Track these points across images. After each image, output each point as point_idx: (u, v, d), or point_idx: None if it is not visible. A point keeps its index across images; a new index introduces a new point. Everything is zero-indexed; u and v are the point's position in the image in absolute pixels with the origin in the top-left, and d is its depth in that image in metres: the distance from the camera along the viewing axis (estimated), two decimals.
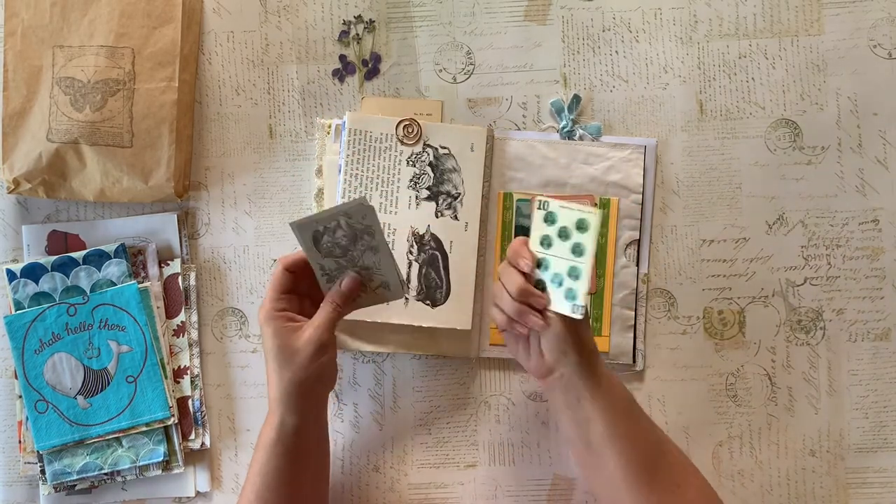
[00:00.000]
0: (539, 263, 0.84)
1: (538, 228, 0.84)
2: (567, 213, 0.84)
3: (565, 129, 0.97)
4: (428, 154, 0.95)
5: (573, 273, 0.83)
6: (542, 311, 0.84)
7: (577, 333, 0.84)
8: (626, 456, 0.83)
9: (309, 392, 0.85)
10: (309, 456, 0.87)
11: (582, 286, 0.82)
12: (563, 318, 0.82)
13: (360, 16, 0.98)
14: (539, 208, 0.84)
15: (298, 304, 0.87)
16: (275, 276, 0.86)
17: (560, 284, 0.83)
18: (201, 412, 0.96)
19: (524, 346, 0.87)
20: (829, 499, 0.96)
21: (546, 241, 0.84)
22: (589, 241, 0.83)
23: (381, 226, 0.85)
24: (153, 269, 0.97)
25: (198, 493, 0.97)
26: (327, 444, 0.90)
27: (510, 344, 0.89)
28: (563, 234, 0.84)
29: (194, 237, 0.98)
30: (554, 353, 0.84)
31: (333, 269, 0.85)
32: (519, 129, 0.98)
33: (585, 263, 0.82)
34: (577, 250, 0.83)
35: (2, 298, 0.96)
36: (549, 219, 0.84)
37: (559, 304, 0.83)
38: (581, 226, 0.83)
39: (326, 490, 0.90)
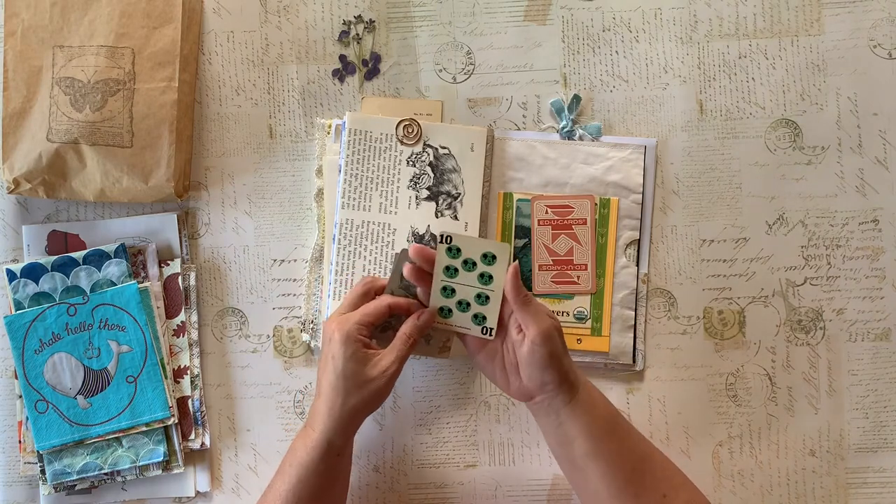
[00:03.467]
0: (444, 290, 0.86)
1: (441, 260, 0.86)
2: (472, 246, 0.86)
3: (565, 129, 0.97)
4: (428, 154, 0.95)
5: (480, 299, 0.86)
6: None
7: (557, 359, 0.83)
8: (609, 473, 0.83)
9: (360, 419, 0.86)
10: (343, 477, 0.88)
11: (491, 310, 0.86)
12: (541, 344, 0.83)
13: (360, 16, 0.98)
14: (441, 242, 0.86)
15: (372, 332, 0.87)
16: (377, 306, 0.86)
17: (466, 310, 0.86)
18: (201, 412, 0.96)
19: (501, 374, 0.87)
20: (829, 499, 0.96)
21: (451, 272, 0.86)
22: (497, 270, 0.85)
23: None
24: (153, 269, 0.97)
25: (198, 493, 0.97)
26: (351, 460, 0.90)
27: (488, 373, 0.88)
28: (469, 264, 0.86)
29: (194, 237, 0.98)
30: (533, 381, 0.84)
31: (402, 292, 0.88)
32: (519, 129, 0.98)
33: (494, 291, 0.86)
34: (485, 279, 0.86)
35: (2, 298, 0.96)
36: (453, 251, 0.86)
37: (467, 327, 0.87)
38: (488, 257, 0.86)
39: (345, 500, 0.90)
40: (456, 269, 0.86)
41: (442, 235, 0.86)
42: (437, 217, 0.95)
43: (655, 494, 0.84)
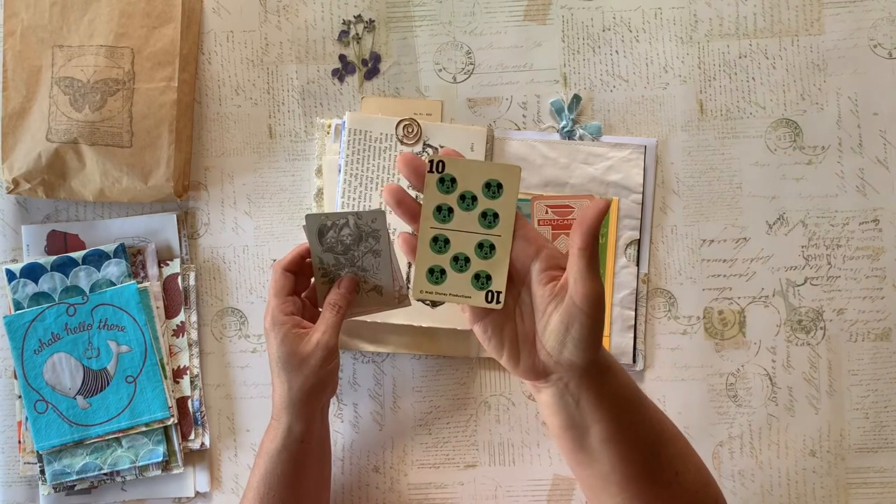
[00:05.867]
0: (435, 242, 0.67)
1: (431, 197, 0.66)
2: (471, 172, 0.65)
3: (565, 129, 0.97)
4: (428, 154, 0.95)
5: (483, 250, 0.66)
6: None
7: (598, 335, 0.68)
8: (626, 457, 0.74)
9: (316, 399, 0.85)
10: (313, 462, 0.87)
11: (497, 266, 0.65)
12: (589, 311, 0.66)
13: (359, 15, 0.98)
14: (431, 170, 0.66)
15: (301, 306, 0.87)
16: (274, 281, 0.86)
17: (464, 268, 0.66)
18: (201, 412, 0.96)
19: (510, 345, 0.72)
20: (829, 499, 0.96)
21: (443, 214, 0.67)
22: (504, 205, 0.65)
23: (389, 233, 0.85)
24: (153, 269, 0.96)
25: (197, 493, 0.97)
26: (329, 449, 0.90)
27: (492, 341, 0.72)
28: (467, 200, 0.66)
29: (194, 237, 0.98)
30: (564, 356, 0.69)
31: (331, 265, 0.85)
32: (519, 129, 0.98)
33: (502, 236, 0.65)
34: (489, 219, 0.66)
35: (1, 298, 0.96)
36: (446, 183, 0.66)
37: (466, 294, 0.66)
38: (492, 185, 0.66)
39: (328, 494, 0.90)
40: (450, 210, 0.67)
41: (431, 162, 0.66)
42: None
43: (669, 473, 0.75)
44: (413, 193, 0.78)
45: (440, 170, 0.66)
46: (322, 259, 0.85)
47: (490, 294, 0.66)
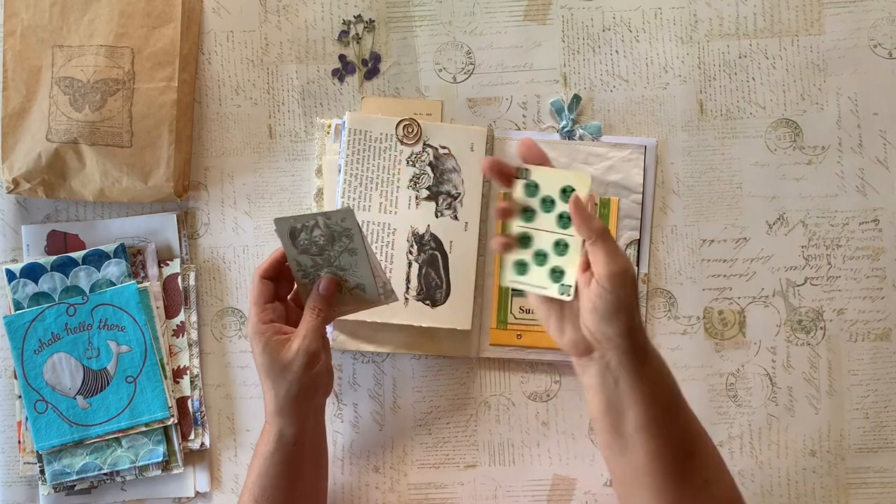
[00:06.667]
0: (521, 239, 0.77)
1: (519, 200, 0.76)
2: (550, 179, 0.75)
3: (565, 129, 0.97)
4: (428, 154, 0.95)
5: (559, 247, 0.76)
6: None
7: (627, 311, 0.74)
8: (660, 450, 0.76)
9: (306, 402, 0.84)
10: (307, 464, 0.87)
11: (570, 262, 0.75)
12: (611, 288, 0.73)
13: (359, 15, 0.98)
14: (518, 177, 0.76)
15: (284, 311, 0.86)
16: (253, 289, 0.85)
17: (543, 262, 0.76)
18: (201, 412, 0.96)
19: (557, 316, 0.79)
20: (829, 499, 0.96)
21: (528, 215, 0.77)
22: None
23: (362, 229, 0.84)
24: (153, 269, 0.96)
25: (197, 493, 0.97)
26: (325, 449, 0.90)
27: (541, 313, 0.80)
28: (547, 203, 0.76)
29: (194, 237, 0.98)
30: (595, 333, 0.75)
31: (310, 267, 0.85)
32: (519, 129, 0.98)
33: (574, 236, 0.75)
34: (564, 221, 0.75)
35: (1, 298, 0.96)
36: (531, 188, 0.76)
37: (544, 285, 0.76)
38: (567, 192, 0.75)
39: (325, 495, 0.90)
40: (533, 212, 0.76)
41: (518, 169, 0.75)
42: (436, 217, 0.95)
43: (699, 479, 0.77)
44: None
45: (526, 176, 0.76)
46: (299, 262, 0.85)
47: (563, 287, 0.76)
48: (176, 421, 0.95)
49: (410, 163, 0.95)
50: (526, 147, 0.79)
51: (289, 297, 0.88)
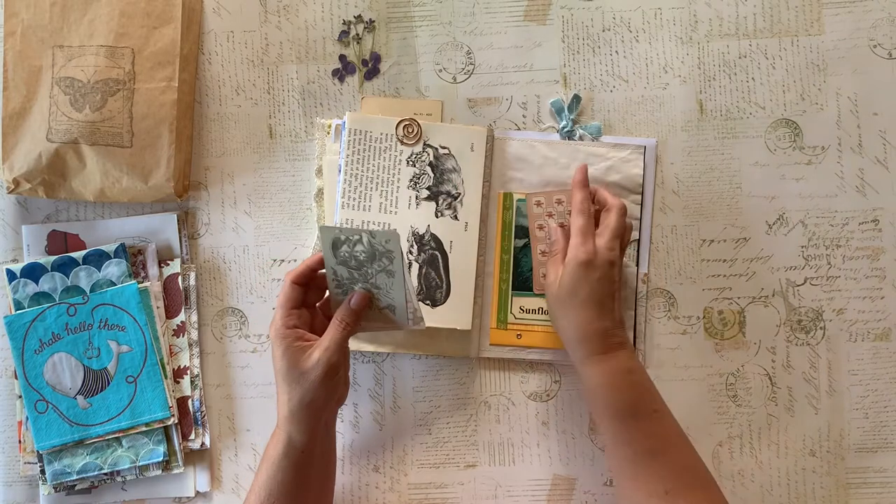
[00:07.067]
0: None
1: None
2: None
3: (565, 129, 0.97)
4: (428, 154, 0.95)
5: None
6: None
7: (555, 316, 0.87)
8: (610, 451, 0.85)
9: (318, 411, 0.85)
10: (315, 471, 0.87)
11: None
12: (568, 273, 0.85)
13: (360, 16, 0.98)
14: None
15: (310, 318, 0.87)
16: (283, 292, 0.86)
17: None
18: (201, 412, 0.96)
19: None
20: (829, 499, 0.96)
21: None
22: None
23: (403, 255, 0.85)
24: (153, 269, 0.97)
25: (197, 493, 0.97)
26: (334, 456, 0.91)
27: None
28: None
29: (194, 237, 0.98)
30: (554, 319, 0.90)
31: (345, 279, 0.85)
32: (519, 129, 0.98)
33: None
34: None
35: (2, 298, 0.96)
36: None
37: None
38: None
39: (331, 500, 0.90)
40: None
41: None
42: (437, 217, 0.95)
43: (657, 486, 0.81)
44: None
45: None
46: (336, 271, 0.85)
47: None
48: (176, 421, 0.95)
49: (410, 163, 0.95)
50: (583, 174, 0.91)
51: (318, 304, 0.88)
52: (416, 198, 0.95)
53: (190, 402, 0.96)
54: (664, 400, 0.85)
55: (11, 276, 0.94)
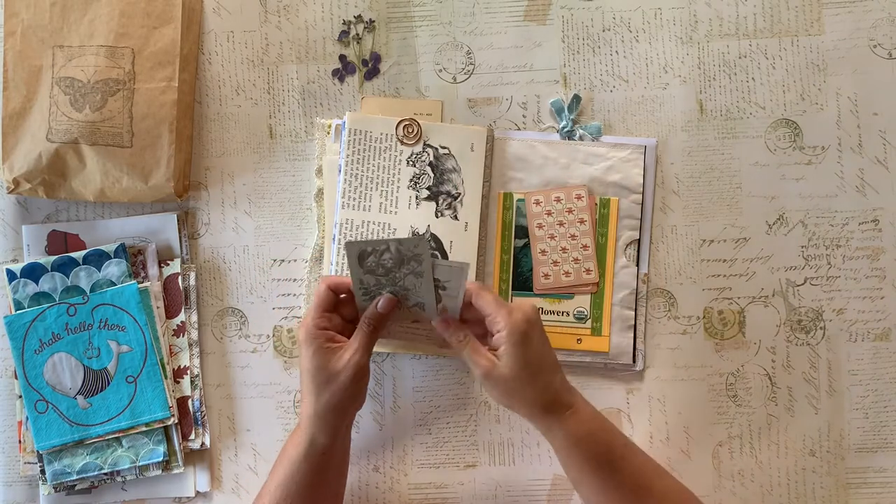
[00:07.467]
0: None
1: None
2: None
3: (565, 129, 0.97)
4: (428, 154, 0.95)
5: None
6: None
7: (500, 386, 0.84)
8: (593, 500, 0.85)
9: (342, 414, 0.85)
10: (332, 475, 0.87)
11: None
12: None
13: (360, 16, 0.98)
14: None
15: (341, 325, 0.87)
16: (318, 294, 0.86)
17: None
18: (201, 412, 0.96)
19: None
20: (829, 499, 0.96)
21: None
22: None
23: (431, 256, 0.86)
24: (153, 269, 0.97)
25: (197, 493, 0.97)
26: (348, 462, 0.91)
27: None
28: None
29: (194, 237, 0.98)
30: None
31: (372, 286, 0.86)
32: (519, 129, 0.98)
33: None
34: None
35: (2, 298, 0.96)
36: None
37: None
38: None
39: (342, 500, 0.91)
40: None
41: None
42: (437, 217, 0.95)
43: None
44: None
45: None
46: (362, 280, 0.86)
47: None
48: (176, 421, 0.95)
49: (410, 163, 0.95)
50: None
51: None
52: (416, 198, 0.95)
53: (190, 402, 0.96)
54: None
55: (11, 276, 0.94)
